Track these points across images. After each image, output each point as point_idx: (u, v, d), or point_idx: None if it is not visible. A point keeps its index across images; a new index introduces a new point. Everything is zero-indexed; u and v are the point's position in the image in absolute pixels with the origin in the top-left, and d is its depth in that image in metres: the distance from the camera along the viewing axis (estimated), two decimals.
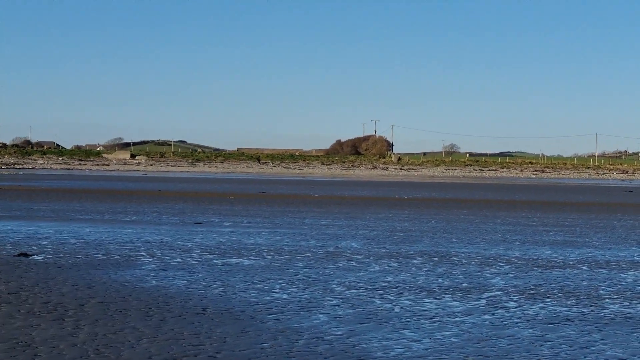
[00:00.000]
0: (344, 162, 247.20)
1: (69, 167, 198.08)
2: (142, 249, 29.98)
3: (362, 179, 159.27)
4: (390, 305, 19.23)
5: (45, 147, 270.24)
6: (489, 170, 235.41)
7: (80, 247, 29.91)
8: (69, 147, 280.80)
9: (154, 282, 22.09)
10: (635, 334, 16.58)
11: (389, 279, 23.45)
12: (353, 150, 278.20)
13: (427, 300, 20.00)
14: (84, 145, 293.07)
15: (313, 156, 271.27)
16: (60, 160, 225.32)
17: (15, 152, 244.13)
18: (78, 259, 26.53)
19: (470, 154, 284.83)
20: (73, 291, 20.04)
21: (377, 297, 20.41)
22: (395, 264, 26.75)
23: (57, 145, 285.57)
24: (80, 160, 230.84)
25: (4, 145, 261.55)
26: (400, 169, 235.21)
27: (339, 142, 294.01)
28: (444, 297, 20.60)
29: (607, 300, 20.75)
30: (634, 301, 20.48)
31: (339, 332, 15.94)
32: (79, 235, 34.65)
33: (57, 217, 45.17)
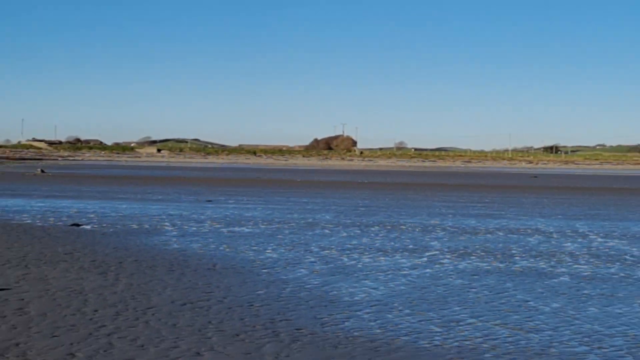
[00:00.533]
0: (319, 155, 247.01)
1: (109, 159, 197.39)
2: (166, 220, 29.96)
3: (333, 168, 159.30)
4: (354, 262, 19.24)
5: (92, 143, 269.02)
6: (429, 161, 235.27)
7: (119, 219, 29.88)
8: (109, 143, 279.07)
9: (175, 245, 22.11)
10: (538, 283, 16.68)
11: (354, 242, 23.42)
12: (326, 146, 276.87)
13: (382, 258, 20.04)
14: (121, 142, 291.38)
15: (296, 150, 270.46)
16: (103, 154, 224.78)
17: (68, 147, 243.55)
18: (117, 228, 26.54)
19: (415, 149, 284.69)
20: (114, 252, 20.05)
21: (344, 256, 20.40)
22: (359, 231, 26.80)
23: (100, 142, 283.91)
24: (118, 154, 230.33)
25: (60, 142, 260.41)
26: (362, 160, 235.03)
27: (315, 140, 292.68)
28: (395, 256, 20.58)
29: (517, 257, 20.83)
30: (537, 258, 20.55)
31: (316, 282, 16.03)
32: (118, 210, 34.58)
33: (101, 197, 45.07)
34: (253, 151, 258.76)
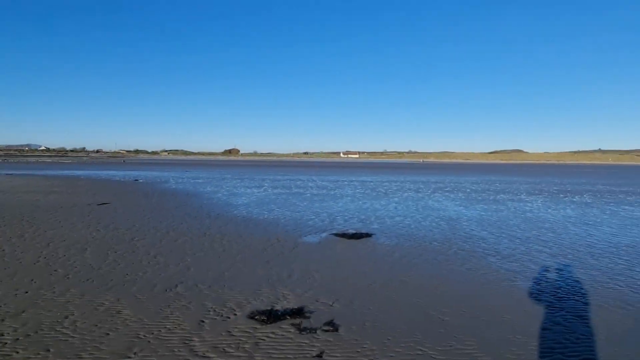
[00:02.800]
0: (227, 155, 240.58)
1: (150, 157, 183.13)
2: (170, 178, 28.34)
3: (232, 159, 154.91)
4: (238, 190, 18.68)
5: (135, 150, 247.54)
6: (265, 158, 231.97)
7: (153, 178, 28.06)
8: (150, 150, 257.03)
9: (173, 186, 21.03)
10: (297, 197, 16.85)
11: (238, 185, 22.65)
12: (229, 152, 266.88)
13: (248, 190, 19.44)
14: (149, 150, 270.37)
15: (219, 153, 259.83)
16: (146, 155, 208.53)
17: (134, 152, 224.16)
18: (152, 181, 24.96)
19: (262, 153, 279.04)
20: (150, 190, 18.94)
21: (234, 189, 19.71)
22: (239, 180, 25.99)
23: (145, 150, 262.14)
24: (153, 155, 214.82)
25: (131, 150, 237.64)
26: (243, 158, 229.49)
27: (227, 149, 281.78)
28: (252, 189, 19.99)
29: (291, 187, 20.75)
30: (320, 190, 20.71)
31: (224, 198, 15.58)
32: (153, 175, 32.44)
33: (148, 170, 42.06)
34: (202, 153, 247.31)
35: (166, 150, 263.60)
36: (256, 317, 4.45)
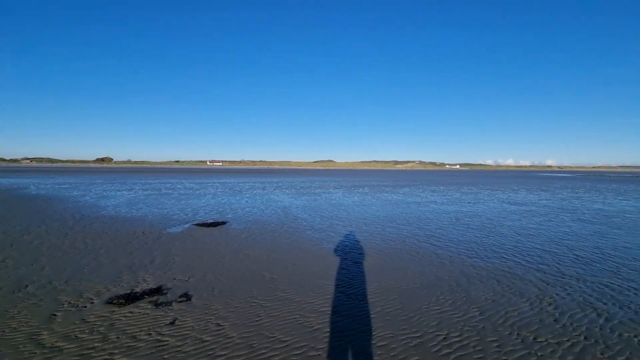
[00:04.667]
0: (100, 163, 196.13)
1: (8, 166, 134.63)
2: (31, 184, 21.98)
3: (104, 166, 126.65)
4: (109, 193, 15.93)
5: (31, 158, 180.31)
6: (137, 164, 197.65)
7: (9, 185, 21.35)
8: (8, 159, 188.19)
9: (34, 192, 16.36)
10: (183, 199, 15.25)
11: (109, 188, 19.17)
12: (101, 160, 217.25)
13: (118, 192, 16.68)
14: (20, 157, 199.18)
15: (91, 162, 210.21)
16: (5, 164, 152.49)
17: (20, 160, 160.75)
18: (7, 188, 18.86)
19: (142, 161, 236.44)
20: (2, 197, 14.08)
21: (105, 193, 16.72)
22: (111, 185, 21.80)
23: (2, 158, 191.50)
24: (11, 163, 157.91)
25: (17, 160, 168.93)
26: (116, 165, 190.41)
27: (99, 158, 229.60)
28: (122, 191, 17.29)
29: (180, 190, 18.50)
30: (187, 191, 18.57)
31: (92, 201, 13.16)
32: (9, 182, 24.69)
33: (25, 177, 31.03)
34: (72, 161, 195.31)
35: (29, 158, 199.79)
36: (114, 302, 3.79)
